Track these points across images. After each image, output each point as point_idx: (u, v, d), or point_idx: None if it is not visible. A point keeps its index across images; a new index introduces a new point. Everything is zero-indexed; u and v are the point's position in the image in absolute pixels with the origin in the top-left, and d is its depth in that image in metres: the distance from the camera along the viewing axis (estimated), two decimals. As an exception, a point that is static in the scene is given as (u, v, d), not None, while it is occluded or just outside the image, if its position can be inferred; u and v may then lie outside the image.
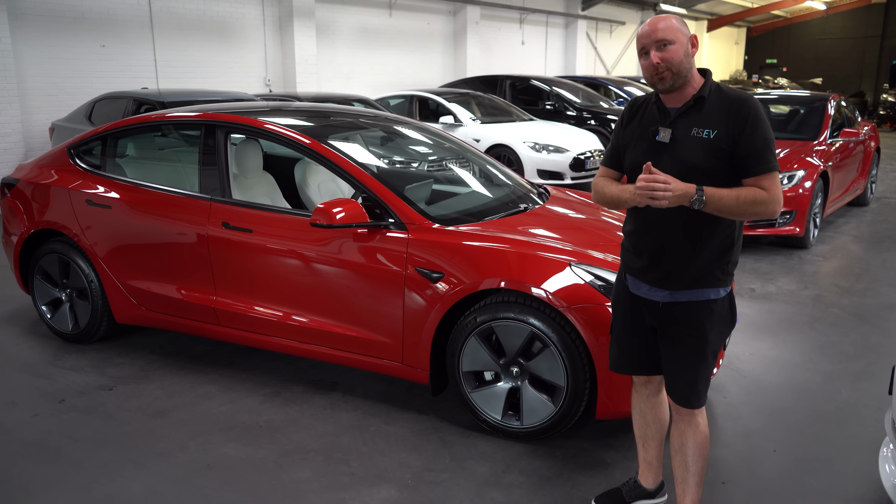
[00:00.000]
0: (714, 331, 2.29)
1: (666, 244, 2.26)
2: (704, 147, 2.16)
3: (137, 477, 2.93)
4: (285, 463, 3.02)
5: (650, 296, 2.32)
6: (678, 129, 2.21)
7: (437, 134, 4.68)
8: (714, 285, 2.25)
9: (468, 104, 10.44)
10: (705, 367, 2.31)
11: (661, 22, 2.18)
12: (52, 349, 4.27)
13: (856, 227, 7.82)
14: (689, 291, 2.25)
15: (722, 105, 2.19)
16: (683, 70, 2.18)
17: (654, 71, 2.17)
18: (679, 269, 2.24)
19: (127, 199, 4.00)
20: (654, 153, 2.23)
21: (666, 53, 2.16)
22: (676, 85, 2.20)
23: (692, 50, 2.20)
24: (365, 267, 3.33)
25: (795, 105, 8.28)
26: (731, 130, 2.15)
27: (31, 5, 9.16)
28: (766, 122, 2.15)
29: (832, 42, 29.83)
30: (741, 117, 2.14)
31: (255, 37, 12.01)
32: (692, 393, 2.32)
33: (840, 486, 2.86)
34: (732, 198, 2.12)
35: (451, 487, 2.84)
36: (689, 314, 2.27)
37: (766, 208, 2.14)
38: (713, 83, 2.24)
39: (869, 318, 4.84)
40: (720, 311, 2.29)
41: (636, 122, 2.33)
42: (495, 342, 3.15)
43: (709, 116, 2.18)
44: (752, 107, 2.15)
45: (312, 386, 3.76)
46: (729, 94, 2.20)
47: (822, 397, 3.67)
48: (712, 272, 2.24)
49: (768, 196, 2.13)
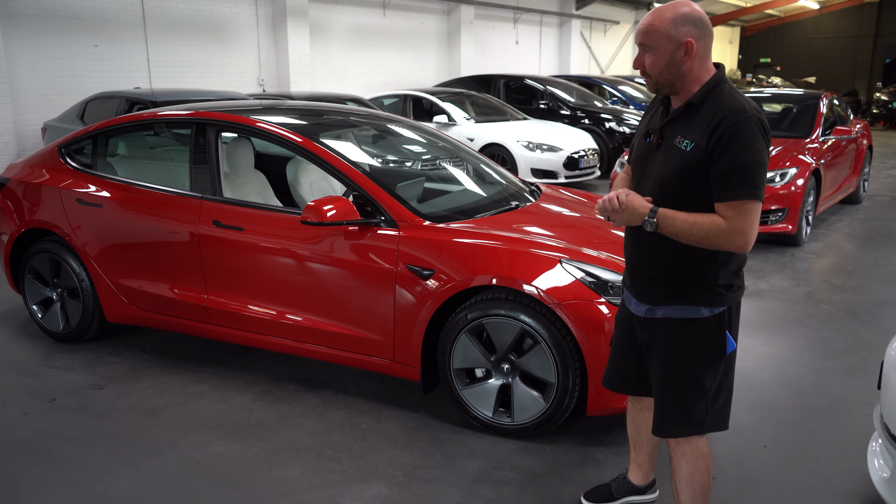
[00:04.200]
0: (691, 354, 2.06)
1: (640, 255, 2.13)
2: (680, 160, 1.96)
3: (128, 475, 2.92)
4: (276, 461, 3.02)
5: (636, 310, 2.18)
6: (667, 135, 2.03)
7: (429, 132, 4.68)
8: (694, 303, 2.03)
9: (462, 103, 10.44)
10: (681, 394, 2.09)
11: (651, 20, 1.97)
12: (43, 349, 4.26)
13: (848, 224, 7.85)
14: (667, 307, 2.07)
15: (708, 115, 1.95)
16: (665, 80, 1.99)
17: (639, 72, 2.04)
18: (651, 282, 2.11)
19: (117, 198, 3.99)
20: (645, 156, 2.10)
21: (647, 60, 2.00)
22: (662, 91, 2.04)
23: (684, 58, 1.95)
24: (356, 264, 3.33)
25: (788, 103, 8.30)
26: (708, 145, 1.91)
27: (23, 5, 9.13)
28: (751, 143, 1.87)
29: (825, 41, 29.92)
30: (719, 131, 1.89)
31: (249, 36, 11.99)
32: (663, 420, 2.13)
33: (830, 481, 2.87)
34: (687, 224, 1.93)
35: (442, 484, 2.84)
36: (666, 332, 2.09)
37: (724, 241, 1.90)
38: (713, 87, 1.98)
39: (860, 315, 4.85)
40: (700, 334, 2.05)
41: (647, 117, 2.19)
42: (486, 339, 3.15)
43: (693, 126, 1.97)
44: (737, 122, 1.88)
45: (304, 384, 3.75)
46: (722, 102, 1.94)
47: (813, 393, 3.68)
48: (689, 289, 2.03)
49: (726, 227, 1.89)
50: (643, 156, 2.11)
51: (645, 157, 2.10)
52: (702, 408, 2.09)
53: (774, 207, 6.39)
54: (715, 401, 2.12)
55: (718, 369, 2.08)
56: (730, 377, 2.14)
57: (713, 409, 2.12)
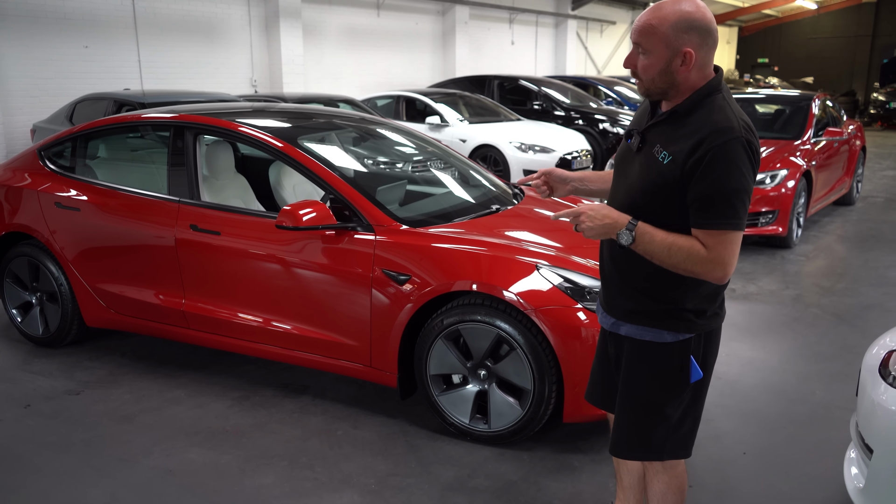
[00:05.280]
0: (650, 380, 1.94)
1: (605, 267, 2.04)
2: (657, 172, 1.80)
3: (98, 483, 2.89)
4: (248, 468, 2.98)
5: (603, 321, 2.08)
6: (648, 140, 1.87)
7: (413, 135, 4.64)
8: (657, 326, 1.89)
9: (456, 104, 10.41)
10: (640, 417, 1.97)
11: (648, 20, 1.78)
12: (22, 353, 4.22)
13: (841, 226, 7.81)
14: (630, 326, 1.95)
15: (695, 129, 1.76)
16: (655, 87, 1.82)
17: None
18: (612, 296, 2.01)
19: (95, 202, 3.96)
20: (626, 158, 1.96)
21: (641, 62, 1.82)
22: (652, 97, 1.88)
23: (680, 68, 1.77)
24: (332, 269, 3.29)
25: (780, 105, 8.27)
26: (687, 162, 1.74)
27: (13, 6, 9.09)
28: (735, 167, 1.70)
29: (823, 41, 29.90)
30: (701, 151, 1.72)
31: (241, 37, 11.96)
32: (619, 440, 2.03)
33: (807, 489, 2.84)
34: (665, 245, 1.77)
35: (415, 493, 2.80)
36: (629, 351, 1.98)
37: (702, 269, 1.75)
38: (704, 96, 1.80)
39: (848, 319, 4.82)
40: (662, 360, 1.91)
41: (638, 115, 2.03)
42: (462, 345, 3.11)
43: (675, 137, 1.80)
44: (721, 143, 1.71)
45: (283, 389, 3.72)
46: (711, 117, 1.76)
47: (797, 399, 3.64)
48: (654, 309, 1.89)
49: (706, 256, 1.74)
50: (624, 156, 1.98)
51: (624, 159, 1.97)
52: (661, 433, 1.96)
53: (764, 209, 6.35)
54: (678, 428, 1.97)
55: (682, 397, 1.93)
56: (698, 404, 1.98)
57: (675, 436, 1.97)
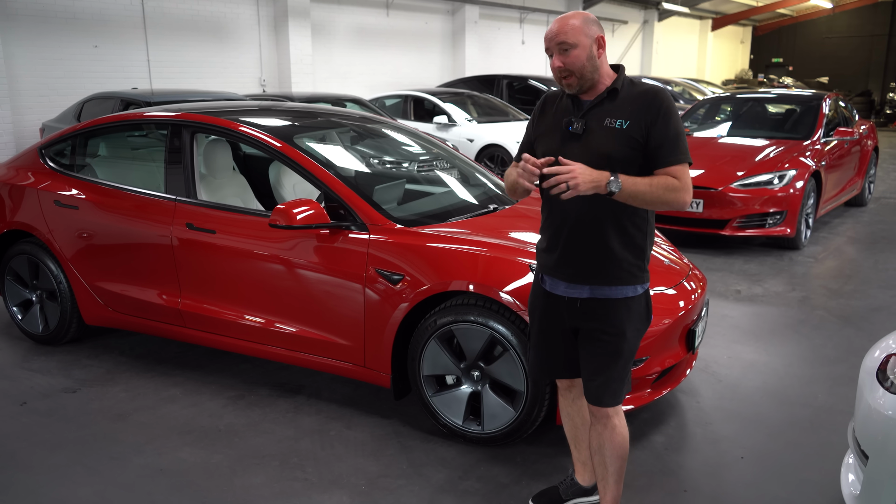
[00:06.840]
0: (631, 328, 2.30)
1: (578, 238, 2.25)
2: (618, 137, 2.19)
3: (88, 482, 2.88)
4: (239, 468, 2.97)
5: (568, 293, 2.30)
6: (591, 121, 2.23)
7: (413, 134, 4.62)
8: (632, 282, 2.26)
9: (464, 104, 10.38)
10: (621, 365, 2.31)
11: (564, 23, 2.18)
12: (22, 351, 4.23)
13: (851, 227, 7.70)
14: (608, 288, 2.25)
15: (634, 97, 2.22)
16: (587, 73, 2.19)
17: (558, 74, 2.20)
18: (593, 264, 2.25)
19: (94, 200, 3.96)
20: (566, 144, 2.24)
21: (567, 58, 2.17)
22: (584, 88, 2.23)
23: (598, 52, 2.20)
24: (326, 268, 3.27)
25: (790, 104, 8.17)
26: (643, 121, 2.18)
27: (23, 5, 9.16)
28: (677, 115, 2.20)
29: (839, 41, 29.56)
30: (653, 109, 2.17)
31: (250, 37, 11.98)
32: (605, 392, 2.31)
33: (804, 495, 2.78)
34: (645, 184, 2.13)
35: (405, 494, 2.78)
36: (608, 311, 2.27)
37: (678, 196, 2.16)
38: (626, 77, 2.27)
39: (854, 321, 4.74)
40: (637, 309, 2.30)
41: (549, 114, 2.34)
42: (456, 345, 3.08)
43: (621, 108, 2.21)
44: (663, 99, 2.19)
45: (278, 389, 3.70)
46: (641, 87, 2.25)
47: (799, 402, 3.58)
48: (628, 268, 2.25)
49: (679, 184, 2.16)
50: (561, 144, 2.23)
51: (565, 145, 2.23)
52: (623, 378, 2.33)
53: (772, 210, 6.26)
54: None
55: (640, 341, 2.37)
56: None
57: None
